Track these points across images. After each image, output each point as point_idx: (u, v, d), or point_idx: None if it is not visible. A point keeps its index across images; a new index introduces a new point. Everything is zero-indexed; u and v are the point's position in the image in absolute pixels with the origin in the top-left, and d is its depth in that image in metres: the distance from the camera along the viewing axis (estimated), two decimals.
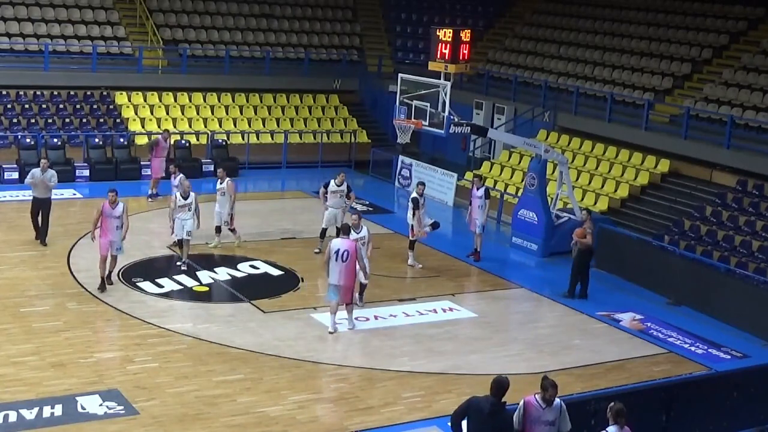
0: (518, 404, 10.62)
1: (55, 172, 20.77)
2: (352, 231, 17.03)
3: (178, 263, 19.48)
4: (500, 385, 10.39)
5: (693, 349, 17.40)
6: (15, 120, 27.88)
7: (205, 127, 30.35)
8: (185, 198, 19.45)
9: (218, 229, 21.02)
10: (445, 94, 21.50)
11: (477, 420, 10.42)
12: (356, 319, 17.35)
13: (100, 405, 13.28)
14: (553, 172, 24.48)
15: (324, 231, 21.15)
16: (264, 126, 31.24)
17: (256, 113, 31.62)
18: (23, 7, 30.74)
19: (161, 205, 24.38)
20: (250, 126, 30.95)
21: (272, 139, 30.74)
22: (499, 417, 10.33)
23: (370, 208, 25.50)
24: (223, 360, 15.27)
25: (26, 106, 28.59)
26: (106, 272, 17.75)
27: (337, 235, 17.81)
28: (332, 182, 21.05)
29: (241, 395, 14.03)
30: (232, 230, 21.15)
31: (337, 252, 16.21)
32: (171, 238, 20.26)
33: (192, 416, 13.21)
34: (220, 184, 21.05)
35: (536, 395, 10.57)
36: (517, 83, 30.90)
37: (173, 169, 21.81)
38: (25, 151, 26.11)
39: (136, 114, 29.78)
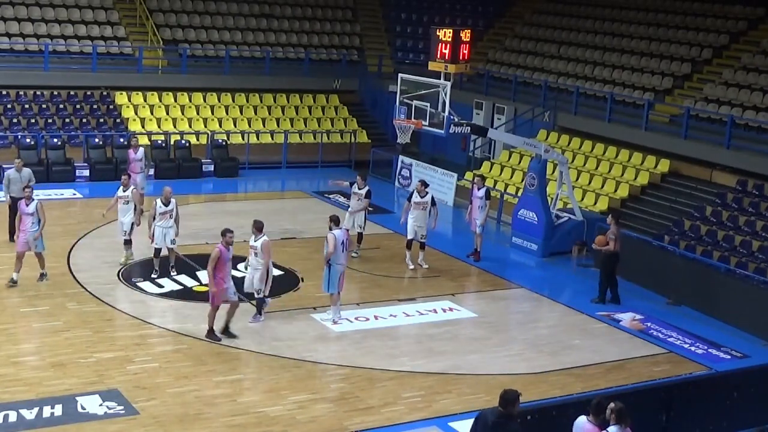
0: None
1: (30, 170, 20.74)
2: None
3: (152, 273, 18.78)
4: (503, 397, 10.31)
5: (693, 349, 17.40)
6: (15, 120, 27.88)
7: (205, 127, 30.35)
8: (166, 204, 18.57)
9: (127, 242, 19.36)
10: (445, 94, 21.49)
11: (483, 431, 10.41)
12: (356, 319, 17.39)
13: (100, 405, 13.29)
14: (553, 172, 24.48)
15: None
16: (264, 126, 31.24)
17: (256, 113, 31.62)
18: (23, 7, 30.74)
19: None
20: (250, 126, 30.95)
21: (272, 139, 30.74)
22: (504, 428, 10.28)
23: (370, 208, 25.44)
24: (223, 360, 15.27)
25: (26, 106, 28.60)
26: (228, 320, 16.00)
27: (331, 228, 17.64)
28: (354, 185, 21.06)
29: (241, 395, 14.03)
30: (128, 242, 19.26)
31: (342, 243, 16.79)
32: (151, 245, 18.94)
33: (192, 416, 13.22)
34: (124, 191, 19.19)
35: (589, 419, 10.46)
36: (517, 83, 30.90)
37: (125, 180, 19.62)
38: (25, 151, 26.09)
39: (136, 114, 29.78)
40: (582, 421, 10.58)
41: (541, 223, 22.48)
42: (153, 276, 18.69)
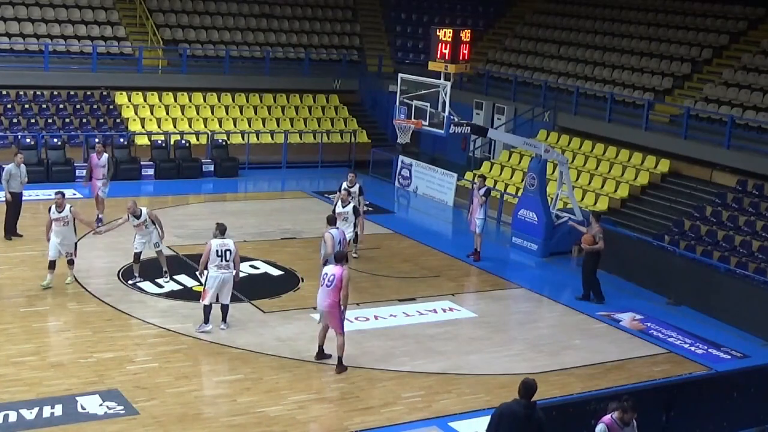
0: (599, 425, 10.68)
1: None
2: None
3: (136, 279, 18.39)
4: (529, 387, 10.46)
5: (693, 349, 17.40)
6: (15, 120, 27.88)
7: (205, 127, 30.35)
8: (137, 218, 17.94)
9: (53, 264, 17.59)
10: (445, 94, 21.50)
11: (513, 425, 10.42)
12: (356, 319, 17.38)
13: (100, 405, 13.29)
14: (553, 172, 24.48)
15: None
16: (264, 126, 31.24)
17: (256, 113, 31.62)
18: (23, 7, 30.75)
19: (160, 205, 24.41)
20: (250, 126, 30.95)
21: (272, 139, 30.74)
22: (535, 418, 10.34)
23: (370, 208, 25.47)
24: (223, 360, 15.28)
25: (26, 106, 28.59)
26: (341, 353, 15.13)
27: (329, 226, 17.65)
28: (344, 184, 20.92)
29: (241, 395, 14.03)
30: (71, 262, 17.90)
31: (339, 243, 16.95)
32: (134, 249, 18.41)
33: (192, 416, 13.22)
34: (60, 212, 17.45)
35: (612, 415, 10.56)
36: (517, 83, 30.90)
37: (58, 201, 17.67)
38: (25, 151, 26.03)
39: (136, 114, 29.78)
40: (608, 419, 10.68)
41: (541, 223, 22.48)
42: (130, 282, 18.30)
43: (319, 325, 15.34)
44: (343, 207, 19.65)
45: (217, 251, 16.01)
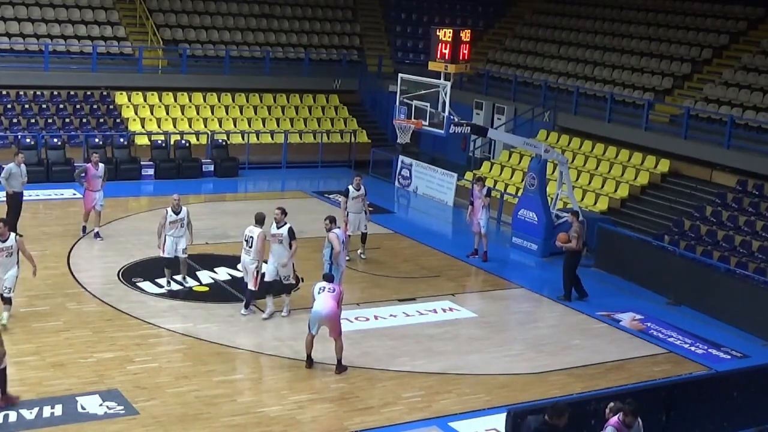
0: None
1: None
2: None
3: (175, 277, 18.23)
4: (552, 406, 10.53)
5: (693, 349, 17.39)
6: (15, 120, 27.87)
7: (205, 127, 30.35)
8: (176, 213, 17.86)
9: (8, 301, 15.85)
10: (445, 94, 21.49)
11: None
12: (356, 319, 17.38)
13: (100, 405, 13.29)
14: (553, 172, 24.48)
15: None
16: (264, 126, 31.24)
17: (256, 113, 31.62)
18: (23, 7, 30.74)
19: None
20: (250, 126, 30.95)
21: (272, 139, 30.74)
22: None
23: (370, 208, 25.46)
24: (223, 360, 15.27)
25: (26, 106, 28.59)
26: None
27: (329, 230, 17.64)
28: (350, 188, 20.92)
29: (241, 395, 14.04)
30: (9, 300, 15.78)
31: (342, 242, 17.28)
32: (162, 255, 18.05)
33: (192, 416, 13.22)
34: (3, 241, 15.36)
35: (619, 417, 10.65)
36: (517, 83, 30.90)
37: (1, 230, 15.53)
38: (25, 151, 26.00)
39: (136, 114, 29.78)
40: (614, 421, 10.74)
41: (541, 223, 22.48)
42: (160, 282, 18.25)
43: (307, 333, 15.06)
44: (278, 228, 17.05)
45: (244, 236, 16.90)
